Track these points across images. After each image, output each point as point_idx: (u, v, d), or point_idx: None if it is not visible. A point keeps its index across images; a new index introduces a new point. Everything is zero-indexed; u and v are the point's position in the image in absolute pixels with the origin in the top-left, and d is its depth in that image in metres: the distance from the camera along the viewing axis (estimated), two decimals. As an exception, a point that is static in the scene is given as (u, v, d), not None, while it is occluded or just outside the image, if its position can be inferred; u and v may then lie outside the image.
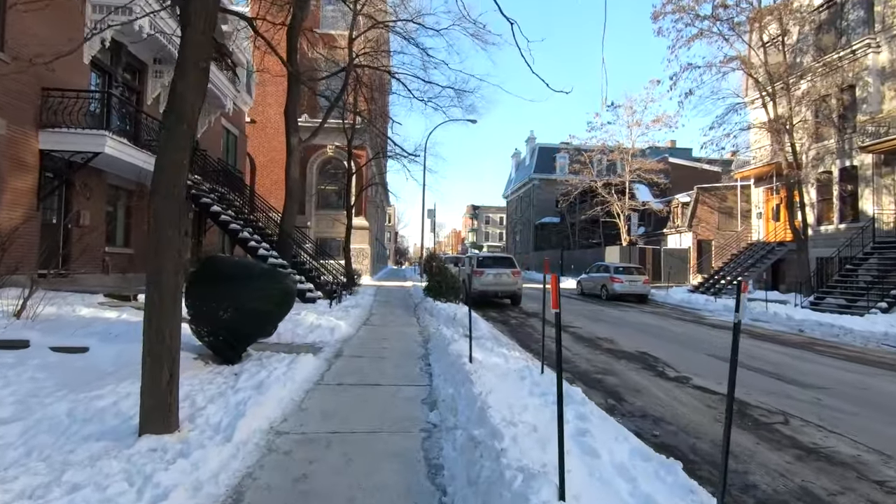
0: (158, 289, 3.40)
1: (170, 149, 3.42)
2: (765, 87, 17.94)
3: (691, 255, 31.21)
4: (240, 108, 21.00)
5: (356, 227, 27.31)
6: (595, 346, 9.25)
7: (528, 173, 51.77)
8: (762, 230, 24.19)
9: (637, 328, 11.83)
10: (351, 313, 11.41)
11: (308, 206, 27.95)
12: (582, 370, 7.34)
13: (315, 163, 28.20)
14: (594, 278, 21.24)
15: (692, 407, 5.56)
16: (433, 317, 11.54)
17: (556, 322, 2.98)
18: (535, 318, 13.31)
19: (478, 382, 4.75)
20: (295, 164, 14.08)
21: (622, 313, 15.17)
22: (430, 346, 7.90)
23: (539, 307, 16.03)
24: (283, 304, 6.10)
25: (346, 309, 12.08)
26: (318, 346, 7.88)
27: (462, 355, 6.12)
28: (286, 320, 8.63)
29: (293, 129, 13.99)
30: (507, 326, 11.76)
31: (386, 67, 17.96)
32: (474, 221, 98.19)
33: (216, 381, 5.06)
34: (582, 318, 13.46)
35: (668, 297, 19.67)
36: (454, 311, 11.32)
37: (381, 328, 10.12)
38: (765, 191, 23.98)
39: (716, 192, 31.49)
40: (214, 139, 18.07)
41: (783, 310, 13.94)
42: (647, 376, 6.96)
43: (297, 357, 6.22)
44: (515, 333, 10.67)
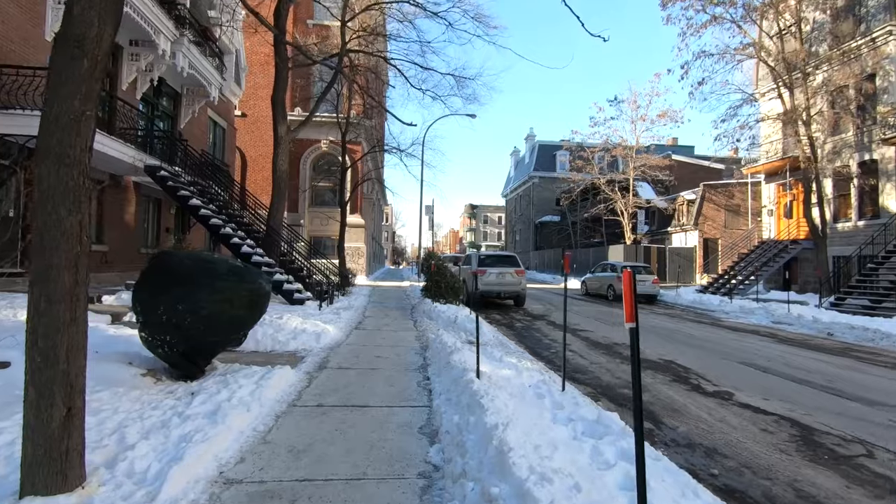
0: (46, 291, 2.41)
1: (63, 94, 2.42)
2: (781, 75, 17.01)
3: (697, 255, 30.29)
4: (228, 100, 19.99)
5: (351, 224, 26.32)
6: (613, 354, 8.27)
7: (528, 171, 50.82)
8: (773, 228, 23.28)
9: (654, 332, 10.87)
10: (342, 316, 10.43)
11: (301, 203, 26.94)
12: (605, 383, 6.36)
13: (309, 158, 27.18)
14: (600, 278, 20.29)
15: (746, 432, 4.59)
16: (432, 320, 10.56)
17: (631, 343, 2.00)
18: (542, 322, 12.34)
19: (490, 408, 3.77)
20: (283, 155, 13.08)
21: (633, 315, 14.18)
22: (429, 356, 6.91)
23: (545, 309, 15.05)
24: (253, 307, 5.11)
25: (337, 311, 11.09)
26: (300, 354, 6.89)
27: (467, 369, 5.13)
28: (266, 324, 7.65)
29: (281, 118, 12.98)
30: (513, 330, 10.78)
31: (381, 53, 16.94)
32: (472, 221, 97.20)
33: (163, 405, 4.06)
34: (592, 321, 12.49)
35: (678, 297, 18.73)
36: (455, 314, 10.35)
37: (375, 333, 9.12)
38: (776, 187, 23.06)
39: (722, 190, 30.58)
40: (200, 131, 17.05)
41: (807, 311, 13.00)
42: (681, 391, 5.99)
43: (271, 370, 5.23)
44: (523, 339, 9.69)
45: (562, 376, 5.12)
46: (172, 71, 13.79)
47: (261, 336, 7.32)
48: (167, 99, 15.27)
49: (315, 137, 26.85)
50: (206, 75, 15.00)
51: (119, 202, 12.44)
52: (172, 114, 15.44)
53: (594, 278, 20.92)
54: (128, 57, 12.46)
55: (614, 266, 19.77)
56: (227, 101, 19.83)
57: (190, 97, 15.72)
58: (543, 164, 49.43)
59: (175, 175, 12.00)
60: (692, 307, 16.97)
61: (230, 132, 20.52)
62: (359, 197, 27.20)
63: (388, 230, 78.61)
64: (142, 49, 12.51)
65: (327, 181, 26.83)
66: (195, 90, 15.64)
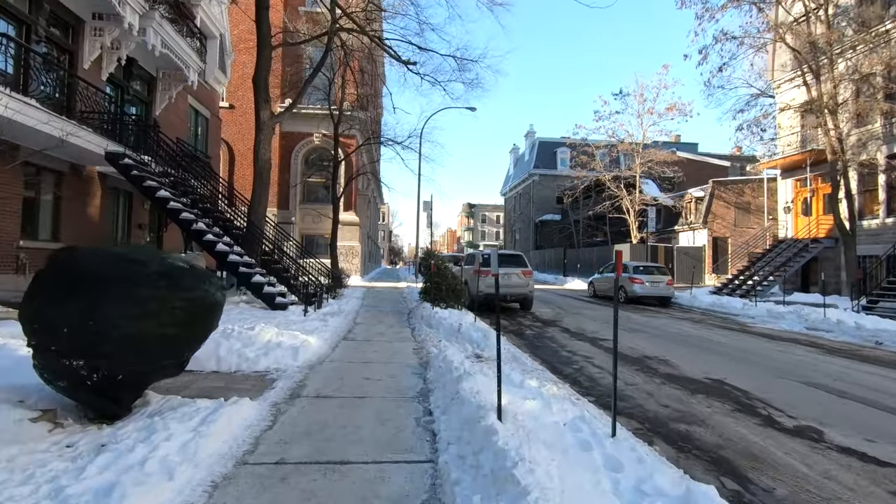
0: None
1: None
2: (807, 60, 15.77)
3: (706, 254, 29.09)
4: (212, 88, 18.62)
5: (345, 222, 25.01)
6: (649, 370, 6.98)
7: (528, 169, 49.57)
8: (790, 226, 22.07)
9: (684, 342, 9.60)
10: (329, 323, 9.11)
11: (292, 199, 25.61)
12: (652, 414, 5.07)
13: (300, 152, 25.83)
14: (608, 278, 19.01)
15: (872, 497, 3.31)
16: (432, 328, 9.26)
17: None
18: (554, 328, 11.04)
19: (530, 484, 2.47)
20: (266, 142, 11.76)
21: (652, 320, 12.94)
22: (431, 377, 5.60)
23: (554, 312, 13.74)
24: (194, 324, 3.81)
25: (324, 317, 9.77)
26: (270, 376, 5.57)
27: (483, 405, 3.84)
28: (233, 336, 6.34)
29: (263, 101, 11.66)
30: (523, 339, 9.49)
31: (375, 32, 15.60)
32: (470, 220, 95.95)
33: (41, 475, 2.75)
34: (610, 327, 11.19)
35: (694, 300, 17.47)
36: (458, 321, 9.04)
37: (365, 345, 7.81)
38: (794, 183, 21.86)
39: (732, 187, 29.39)
40: (179, 119, 15.69)
41: (845, 316, 11.75)
42: (752, 426, 4.70)
43: (221, 406, 3.92)
44: (537, 350, 8.40)
45: (611, 416, 3.81)
46: (143, 50, 12.43)
47: (224, 352, 6.00)
48: (140, 83, 13.91)
49: (307, 130, 25.53)
50: (184, 57, 13.64)
51: (81, 195, 11.08)
52: (146, 99, 14.08)
53: (603, 279, 19.66)
54: (90, 32, 11.10)
55: (625, 266, 18.49)
56: (210, 89, 18.47)
57: (166, 81, 14.36)
58: (544, 162, 48.19)
59: (142, 164, 10.66)
60: (712, 311, 15.72)
61: (214, 123, 19.16)
62: (353, 193, 25.89)
63: (384, 229, 77.31)
64: (106, 23, 11.15)
65: (320, 176, 25.49)
66: (172, 74, 14.27)
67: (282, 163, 25.46)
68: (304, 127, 25.55)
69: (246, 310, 9.78)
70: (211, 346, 6.02)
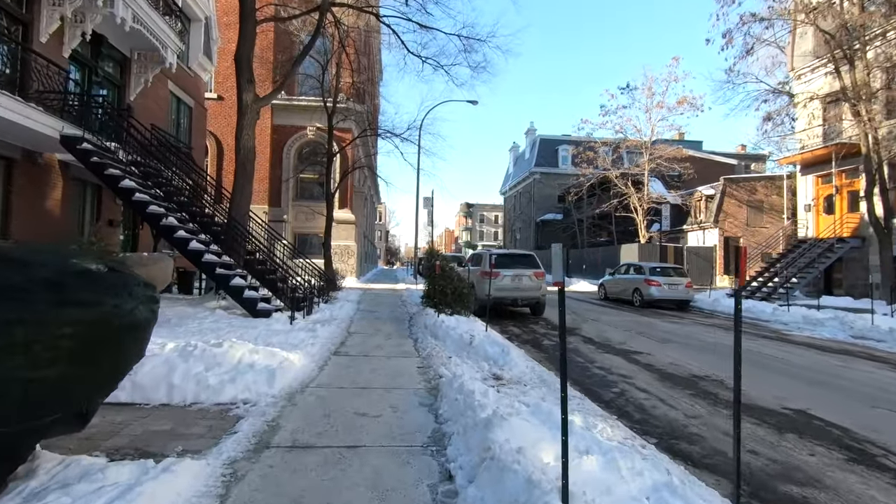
0: None
1: None
2: (840, 45, 14.57)
3: (717, 254, 27.92)
4: (196, 75, 17.29)
5: (339, 220, 23.69)
6: (708, 396, 5.71)
7: (529, 167, 48.36)
8: (811, 225, 20.90)
9: (727, 355, 8.34)
10: (319, 334, 7.82)
11: (284, 196, 24.27)
12: (743, 466, 3.78)
13: (293, 147, 24.50)
14: (623, 280, 17.79)
15: None
16: (438, 339, 7.98)
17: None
18: (573, 337, 9.76)
19: None
20: (249, 128, 10.46)
21: (678, 326, 11.70)
22: (445, 413, 4.31)
23: (569, 318, 12.45)
24: (95, 357, 2.52)
25: (313, 326, 8.47)
26: (234, 412, 4.28)
27: (534, 477, 2.57)
28: (194, 356, 5.04)
29: (246, 82, 10.36)
30: (543, 352, 8.21)
31: (372, 9, 14.27)
32: (468, 220, 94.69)
33: None
34: (637, 336, 9.95)
35: (716, 303, 16.25)
36: (468, 332, 7.75)
37: (361, 362, 6.52)
38: (815, 179, 20.68)
39: (744, 184, 28.23)
40: (157, 106, 14.35)
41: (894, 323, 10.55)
42: (889, 487, 3.44)
43: (144, 476, 2.63)
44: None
45: (699, 476, 2.53)
46: (113, 26, 11.10)
47: (180, 378, 4.71)
48: (112, 64, 12.57)
49: (300, 123, 24.22)
50: (159, 35, 12.30)
51: (36, 186, 9.74)
52: (119, 82, 12.74)
53: (615, 281, 18.42)
54: (48, 1, 9.76)
55: (640, 267, 17.26)
56: (194, 76, 17.13)
57: (141, 63, 13.02)
58: (545, 160, 47.00)
59: (104, 150, 9.32)
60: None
61: (199, 112, 17.81)
62: (349, 189, 24.57)
63: (381, 229, 75.96)
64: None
65: (313, 172, 24.15)
66: (147, 55, 12.93)
67: (273, 157, 24.15)
68: (297, 120, 24.25)
69: (222, 317, 8.47)
70: (162, 371, 4.74)
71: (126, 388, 4.49)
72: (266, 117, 24.13)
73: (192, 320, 7.91)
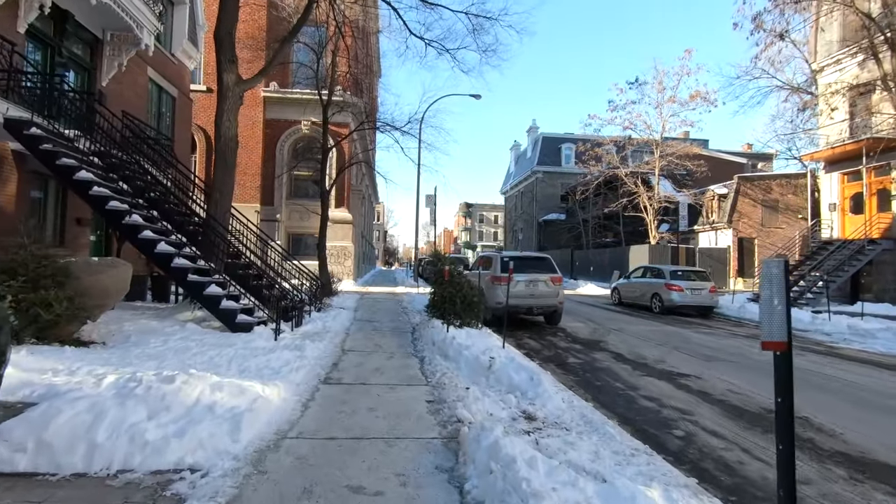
0: None
1: None
2: (881, 29, 13.37)
3: (731, 256, 26.73)
4: (180, 62, 16.00)
5: (336, 220, 22.42)
6: (802, 445, 4.46)
7: (531, 166, 47.16)
8: (836, 225, 19.70)
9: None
10: (307, 353, 6.55)
11: (277, 194, 22.97)
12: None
13: (287, 142, 23.20)
14: (640, 284, 16.56)
15: None
16: (449, 360, 6.72)
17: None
18: (602, 354, 8.52)
19: None
20: (231, 113, 9.20)
21: (712, 338, 10.47)
22: (476, 492, 3.04)
23: (589, 328, 11.18)
24: None
25: (301, 343, 7.20)
26: (169, 494, 3.00)
27: None
28: (134, 397, 3.78)
29: (228, 61, 9.10)
30: (572, 374, 6.97)
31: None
32: (468, 220, 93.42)
33: None
34: (672, 352, 8.70)
35: (743, 310, 15.02)
36: (484, 351, 6.50)
37: (356, 395, 5.25)
38: (841, 177, 19.48)
39: (759, 183, 27.04)
40: (134, 93, 13.06)
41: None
42: None
43: None
44: (599, 393, 5.88)
45: None
46: (80, 0, 9.85)
47: (107, 431, 3.44)
48: (81, 44, 11.28)
49: (294, 118, 22.92)
50: (133, 13, 11.02)
51: (-18, 178, 8.45)
52: (89, 65, 11.45)
53: (631, 285, 17.18)
54: (-3, -35, 8.47)
55: (659, 270, 16.03)
56: (178, 63, 15.84)
57: (114, 45, 11.73)
58: (548, 158, 45.83)
59: (59, 137, 8.03)
60: (770, 324, 13.21)
61: (184, 103, 16.52)
62: (346, 187, 23.29)
63: (379, 229, 74.67)
64: (19, -46, 8.54)
65: (308, 169, 22.85)
66: (121, 36, 11.65)
67: (266, 153, 22.85)
68: (290, 114, 22.95)
69: (194, 333, 7.20)
70: (84, 422, 3.49)
71: (28, 450, 3.23)
72: (258, 111, 22.86)
73: (155, 338, 6.63)
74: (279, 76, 22.63)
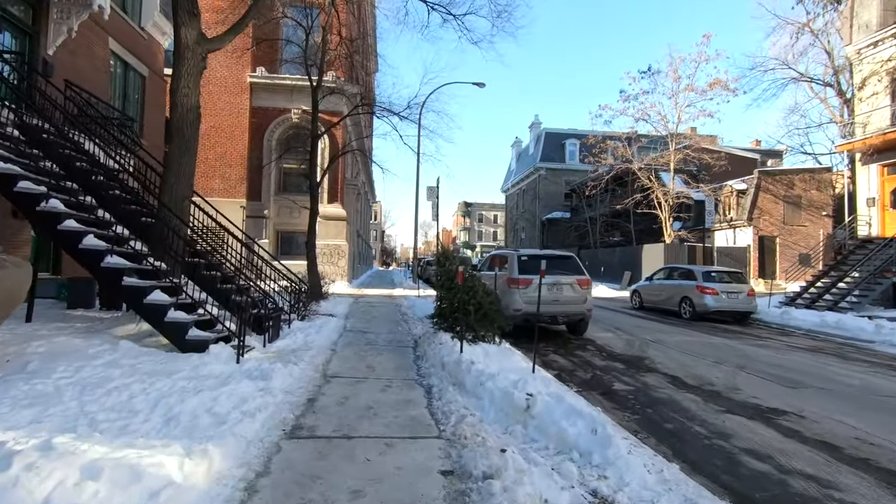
0: None
1: None
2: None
3: (751, 256, 25.08)
4: (150, 37, 14.22)
5: (328, 216, 20.70)
6: None
7: (534, 163, 45.48)
8: (876, 222, 18.05)
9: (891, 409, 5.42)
10: (273, 385, 4.83)
11: (265, 189, 21.19)
12: None
13: (275, 132, 21.42)
14: (666, 287, 14.86)
15: None
16: (466, 393, 4.99)
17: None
18: (651, 376, 6.80)
19: None
20: (190, 78, 7.45)
21: (777, 354, 8.76)
22: None
23: (622, 340, 9.43)
24: None
25: (269, 367, 5.45)
26: None
27: None
28: None
29: (186, 13, 7.36)
30: (626, 408, 5.26)
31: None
32: (466, 219, 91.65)
33: None
34: (739, 373, 6.98)
35: (786, 317, 13.29)
36: (516, 383, 4.77)
37: (331, 469, 3.52)
38: (880, 169, 17.83)
39: (781, 178, 25.41)
40: (91, 65, 11.28)
41: None
42: None
43: None
44: (679, 443, 4.17)
45: None
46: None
47: None
48: (21, 5, 9.52)
49: (283, 106, 21.16)
50: (81, -36, 9.27)
51: None
52: (31, 29, 9.68)
53: (655, 287, 15.48)
54: None
55: (689, 271, 14.33)
56: (147, 38, 14.06)
57: (62, 6, 9.97)
58: (551, 155, 44.15)
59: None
60: (822, 333, 11.53)
61: (156, 84, 14.72)
62: (339, 181, 21.54)
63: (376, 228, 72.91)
64: None
65: (298, 161, 21.05)
66: (63, -8, 9.88)
67: (252, 144, 21.08)
68: (280, 101, 21.19)
69: (128, 354, 5.44)
70: None
71: None
72: (244, 98, 21.08)
73: (67, 363, 4.87)
74: (267, 60, 20.85)
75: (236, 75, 20.91)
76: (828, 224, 25.53)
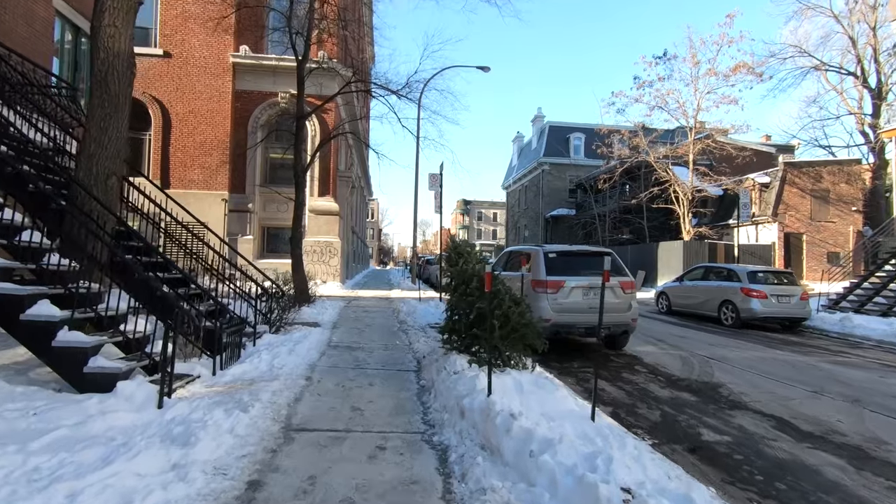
0: None
1: None
2: None
3: (776, 254, 23.30)
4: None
5: (318, 210, 18.86)
6: None
7: (537, 158, 43.66)
8: (926, 216, 16.31)
9: None
10: (195, 457, 2.99)
11: (250, 179, 19.27)
12: None
13: (261, 118, 19.49)
14: (701, 289, 13.04)
15: None
16: (507, 468, 3.11)
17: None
18: (740, 412, 4.96)
19: None
20: (120, 13, 5.61)
21: (871, 375, 6.95)
22: None
23: (672, 357, 7.56)
24: None
25: (202, 417, 3.58)
26: None
27: None
28: None
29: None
30: (737, 478, 3.41)
31: None
32: (465, 218, 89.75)
33: None
34: (863, 411, 5.17)
35: (846, 324, 11.46)
36: (593, 462, 2.89)
37: None
38: (932, 157, 16.10)
39: (808, 171, 23.64)
40: (24, 25, 9.37)
41: None
42: None
43: None
44: None
45: None
46: None
47: None
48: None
49: (269, 89, 19.24)
50: None
51: None
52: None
53: (687, 289, 13.65)
54: None
55: (730, 271, 12.49)
56: (106, 1, 12.08)
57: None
58: (555, 150, 42.30)
59: None
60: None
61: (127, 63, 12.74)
62: (331, 171, 19.65)
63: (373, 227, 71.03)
64: None
65: (286, 149, 19.13)
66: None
67: (235, 131, 19.14)
68: (266, 84, 19.27)
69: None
70: None
71: None
72: (226, 81, 19.13)
73: None
74: (251, 38, 18.93)
75: (217, 55, 18.97)
76: (858, 220, 23.82)
